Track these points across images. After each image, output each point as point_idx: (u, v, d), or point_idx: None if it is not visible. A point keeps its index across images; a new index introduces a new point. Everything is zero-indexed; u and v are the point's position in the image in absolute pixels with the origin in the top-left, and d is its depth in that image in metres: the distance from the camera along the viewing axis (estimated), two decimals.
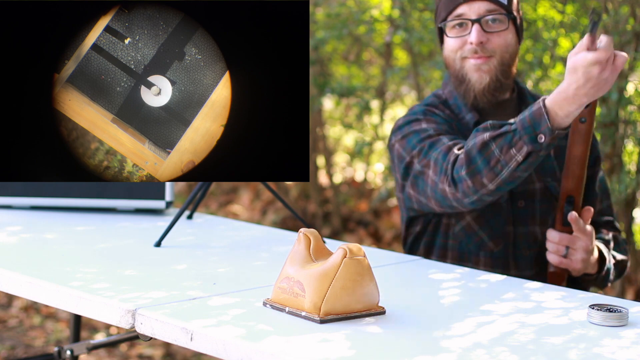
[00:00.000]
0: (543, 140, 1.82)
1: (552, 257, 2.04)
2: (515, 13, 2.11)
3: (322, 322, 1.48)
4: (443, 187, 1.98)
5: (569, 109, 1.81)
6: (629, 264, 2.22)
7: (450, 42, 2.11)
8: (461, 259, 2.13)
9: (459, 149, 1.98)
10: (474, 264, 2.12)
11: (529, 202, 2.12)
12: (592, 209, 2.03)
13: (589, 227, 2.02)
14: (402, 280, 1.84)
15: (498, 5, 2.07)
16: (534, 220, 2.13)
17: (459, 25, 2.09)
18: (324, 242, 1.69)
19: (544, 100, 1.83)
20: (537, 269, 2.12)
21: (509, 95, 2.17)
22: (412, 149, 2.08)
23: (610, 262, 2.09)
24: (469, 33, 2.07)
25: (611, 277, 2.12)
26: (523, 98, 2.20)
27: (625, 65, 3.22)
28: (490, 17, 2.06)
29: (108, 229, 2.23)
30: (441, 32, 2.15)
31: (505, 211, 2.11)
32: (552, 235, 2.03)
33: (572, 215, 1.99)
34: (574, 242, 2.01)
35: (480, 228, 2.11)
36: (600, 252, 2.08)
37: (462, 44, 2.09)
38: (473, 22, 2.06)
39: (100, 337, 3.90)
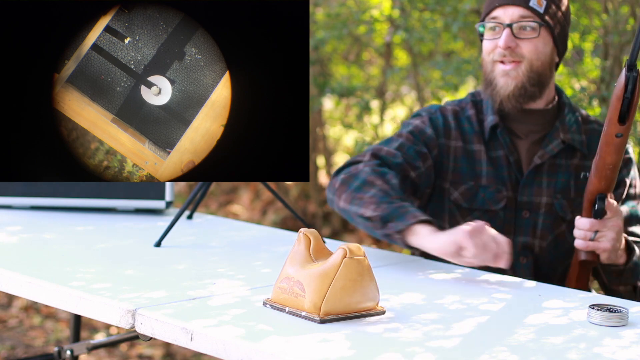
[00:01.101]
0: (386, 229, 1.89)
1: (579, 242, 1.99)
2: (552, 22, 2.10)
3: (322, 322, 1.48)
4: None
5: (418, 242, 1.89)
6: None
7: (485, 44, 2.14)
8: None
9: (372, 157, 2.08)
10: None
11: (533, 215, 2.13)
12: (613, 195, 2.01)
13: (620, 208, 2.00)
14: (402, 280, 1.84)
15: (532, 13, 2.08)
16: (534, 232, 2.13)
17: (492, 29, 2.12)
18: (324, 242, 1.69)
19: (427, 221, 1.88)
20: (536, 278, 2.11)
21: (544, 105, 2.16)
22: None
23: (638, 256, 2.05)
24: (500, 37, 2.09)
25: None
26: (562, 112, 2.18)
27: (624, 65, 3.21)
28: (522, 23, 2.08)
29: (108, 229, 2.23)
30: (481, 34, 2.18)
31: (502, 219, 2.12)
32: (582, 222, 1.98)
33: (609, 202, 1.97)
34: (604, 224, 1.97)
35: None
36: (627, 242, 2.04)
37: (493, 47, 2.11)
38: (505, 26, 2.08)
39: (100, 337, 3.90)
